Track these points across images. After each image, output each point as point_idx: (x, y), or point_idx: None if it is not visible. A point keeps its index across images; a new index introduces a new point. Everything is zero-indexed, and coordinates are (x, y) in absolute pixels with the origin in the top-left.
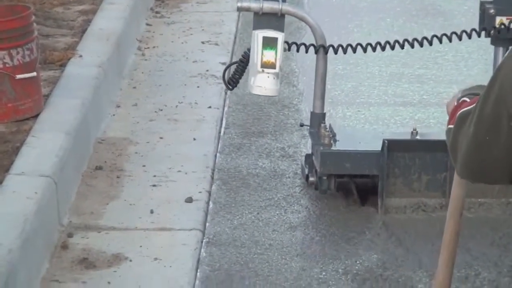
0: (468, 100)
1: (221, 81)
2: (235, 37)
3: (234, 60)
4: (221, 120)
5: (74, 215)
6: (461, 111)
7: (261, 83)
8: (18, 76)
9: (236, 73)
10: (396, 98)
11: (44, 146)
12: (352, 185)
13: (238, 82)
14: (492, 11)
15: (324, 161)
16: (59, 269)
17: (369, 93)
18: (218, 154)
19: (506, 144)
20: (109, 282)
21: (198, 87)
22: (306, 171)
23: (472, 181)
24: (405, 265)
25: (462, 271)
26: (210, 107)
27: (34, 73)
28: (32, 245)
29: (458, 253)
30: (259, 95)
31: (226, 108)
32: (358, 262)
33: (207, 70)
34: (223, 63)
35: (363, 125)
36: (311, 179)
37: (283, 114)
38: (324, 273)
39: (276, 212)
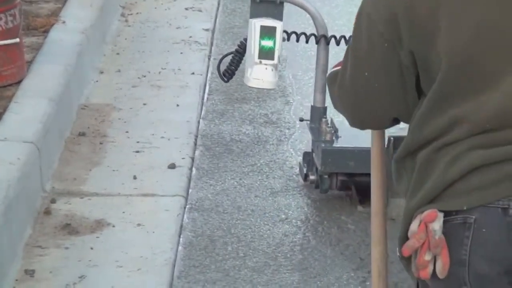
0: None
1: (204, 47)
2: (218, 4)
3: (224, 48)
4: (204, 86)
5: (57, 181)
6: (328, 72)
7: (259, 75)
8: (1, 42)
9: (232, 64)
10: None
11: (27, 112)
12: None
13: (234, 73)
14: None
15: (326, 159)
16: (42, 235)
17: None
18: (201, 120)
19: (384, 66)
20: (92, 248)
21: (181, 53)
22: (305, 169)
23: (362, 127)
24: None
25: None
26: (193, 73)
27: (17, 39)
28: (15, 211)
29: None
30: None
31: (209, 75)
32: (340, 228)
33: (190, 37)
34: (207, 30)
35: None
36: (311, 177)
37: None
38: (306, 239)
39: (258, 178)
